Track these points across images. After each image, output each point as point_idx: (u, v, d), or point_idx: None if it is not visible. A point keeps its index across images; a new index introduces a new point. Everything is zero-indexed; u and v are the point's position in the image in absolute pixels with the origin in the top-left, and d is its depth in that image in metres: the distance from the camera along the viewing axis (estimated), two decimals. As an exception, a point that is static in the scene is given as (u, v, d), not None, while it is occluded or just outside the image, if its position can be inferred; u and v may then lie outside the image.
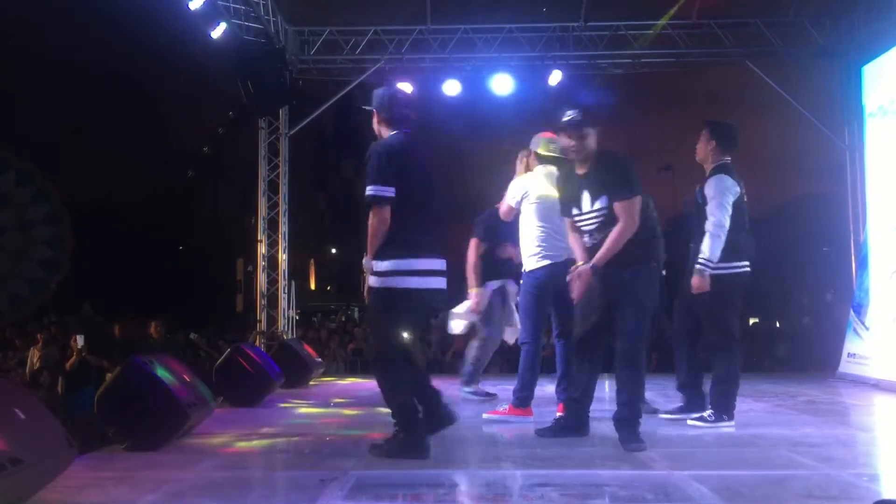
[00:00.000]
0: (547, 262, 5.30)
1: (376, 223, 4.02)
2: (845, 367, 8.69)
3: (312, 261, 30.61)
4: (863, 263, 8.90)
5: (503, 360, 10.92)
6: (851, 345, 8.68)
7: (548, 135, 5.53)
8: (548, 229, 5.32)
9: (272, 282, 11.00)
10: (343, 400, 7.32)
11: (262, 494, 3.61)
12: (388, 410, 4.13)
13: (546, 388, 6.04)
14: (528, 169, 5.74)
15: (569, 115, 4.41)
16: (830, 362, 9.17)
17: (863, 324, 8.45)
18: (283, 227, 11.07)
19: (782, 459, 4.12)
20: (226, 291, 12.93)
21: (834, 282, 12.48)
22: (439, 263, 4.21)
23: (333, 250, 37.02)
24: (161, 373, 4.58)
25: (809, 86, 10.95)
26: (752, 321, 16.47)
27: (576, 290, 4.42)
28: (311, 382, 8.80)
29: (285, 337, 10.19)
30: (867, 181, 8.98)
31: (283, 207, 11.08)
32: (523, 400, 5.52)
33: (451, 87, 10.83)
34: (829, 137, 10.21)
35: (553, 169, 5.33)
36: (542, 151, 5.57)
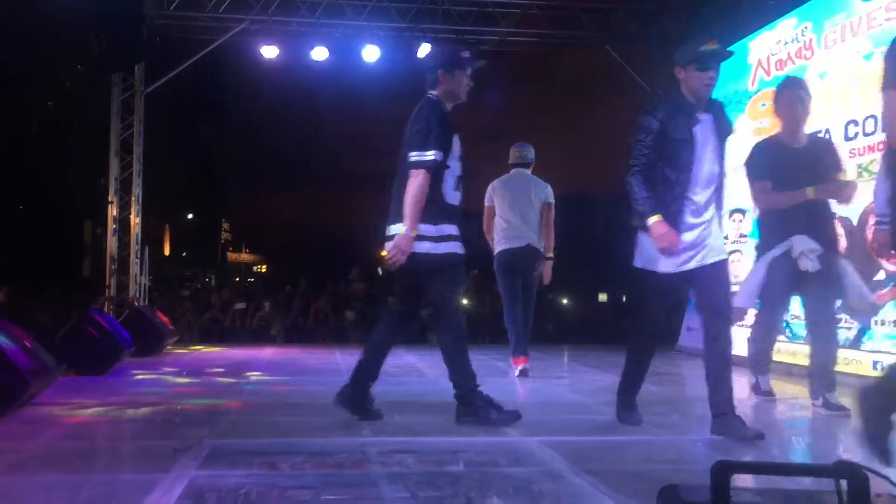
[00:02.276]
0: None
1: None
2: (684, 339, 9.24)
3: (167, 226, 29.45)
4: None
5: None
6: (691, 319, 9.23)
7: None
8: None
9: (123, 246, 10.54)
10: (197, 369, 7.13)
11: (111, 464, 3.47)
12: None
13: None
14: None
15: None
16: (671, 337, 9.74)
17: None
18: (137, 189, 10.62)
19: (628, 427, 4.33)
20: (72, 255, 12.24)
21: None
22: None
23: (190, 216, 35.82)
24: (-1, 338, 4.30)
25: (666, 74, 11.46)
26: (600, 297, 17.28)
27: None
28: (164, 351, 8.52)
29: (137, 304, 9.78)
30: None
31: (136, 168, 10.62)
32: None
33: (319, 53, 10.65)
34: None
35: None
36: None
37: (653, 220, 3.92)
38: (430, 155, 4.01)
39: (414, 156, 4.02)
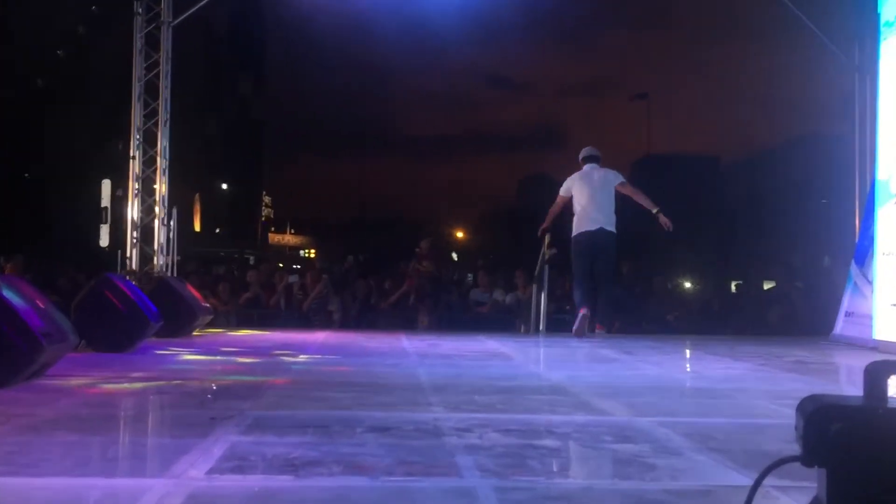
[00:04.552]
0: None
1: None
2: (842, 328, 9.05)
3: (198, 196, 30.21)
4: (870, 207, 9.13)
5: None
6: (851, 302, 9.03)
7: None
8: None
9: (147, 210, 10.78)
10: (236, 349, 7.35)
11: (138, 429, 3.65)
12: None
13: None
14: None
15: None
16: (824, 327, 9.58)
17: (865, 277, 8.76)
18: (163, 141, 10.76)
19: (761, 409, 4.34)
20: (87, 223, 12.69)
21: (832, 242, 12.87)
22: None
23: (224, 186, 36.60)
24: (7, 293, 4.54)
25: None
26: (734, 284, 17.02)
27: None
28: (196, 333, 8.80)
29: (163, 276, 10.07)
30: (879, 109, 9.09)
31: (163, 116, 10.79)
32: None
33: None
34: (836, 56, 10.47)
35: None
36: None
37: None
38: None
39: None
